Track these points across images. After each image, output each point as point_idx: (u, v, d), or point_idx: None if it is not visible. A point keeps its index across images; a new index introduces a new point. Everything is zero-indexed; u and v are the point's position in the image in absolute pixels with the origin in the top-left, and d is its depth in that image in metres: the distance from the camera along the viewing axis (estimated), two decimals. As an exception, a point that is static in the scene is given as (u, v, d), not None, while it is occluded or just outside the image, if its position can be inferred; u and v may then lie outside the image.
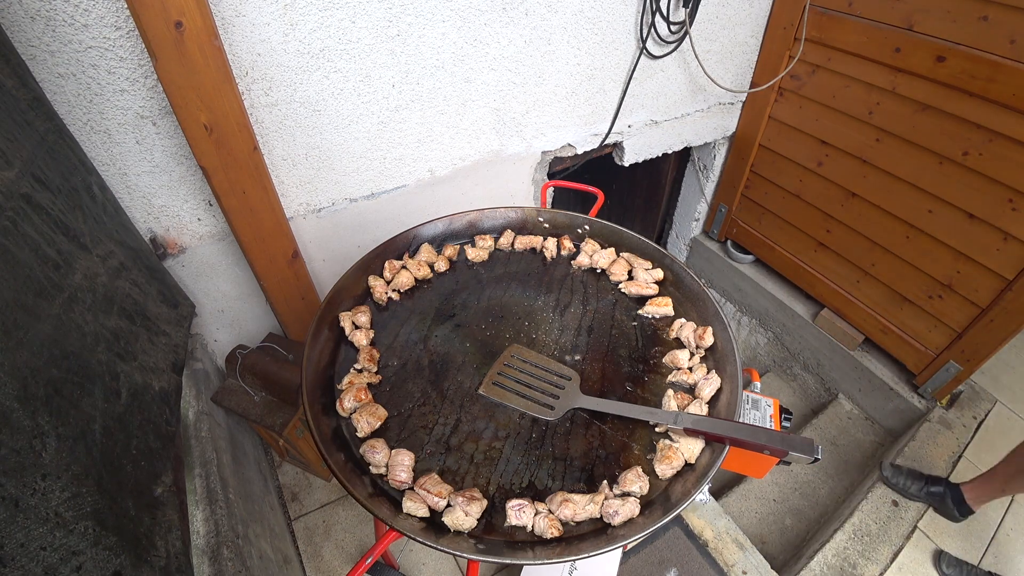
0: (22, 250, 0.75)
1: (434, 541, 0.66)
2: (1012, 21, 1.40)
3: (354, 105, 1.32)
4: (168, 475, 0.94)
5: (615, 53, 1.67)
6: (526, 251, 1.15)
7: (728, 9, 1.80)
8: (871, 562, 1.71)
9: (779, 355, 2.55)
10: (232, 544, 1.04)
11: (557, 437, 0.81)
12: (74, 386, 0.77)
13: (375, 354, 0.90)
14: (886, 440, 2.19)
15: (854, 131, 1.86)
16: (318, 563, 1.57)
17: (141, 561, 0.77)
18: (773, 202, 2.28)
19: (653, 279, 1.05)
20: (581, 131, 1.81)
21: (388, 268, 1.04)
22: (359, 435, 0.79)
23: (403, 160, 1.50)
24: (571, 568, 1.32)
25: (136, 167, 1.16)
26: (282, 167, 1.32)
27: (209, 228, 1.34)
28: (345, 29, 1.20)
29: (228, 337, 1.59)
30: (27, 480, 0.63)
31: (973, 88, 1.52)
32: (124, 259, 1.06)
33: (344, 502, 1.71)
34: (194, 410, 1.28)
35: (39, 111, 0.92)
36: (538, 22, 1.45)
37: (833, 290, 2.18)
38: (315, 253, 1.54)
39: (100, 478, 0.75)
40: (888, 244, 1.91)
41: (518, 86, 1.55)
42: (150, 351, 1.04)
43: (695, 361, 0.91)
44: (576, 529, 0.71)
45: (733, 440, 0.73)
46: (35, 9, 0.91)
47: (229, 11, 1.06)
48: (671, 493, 0.74)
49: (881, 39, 1.67)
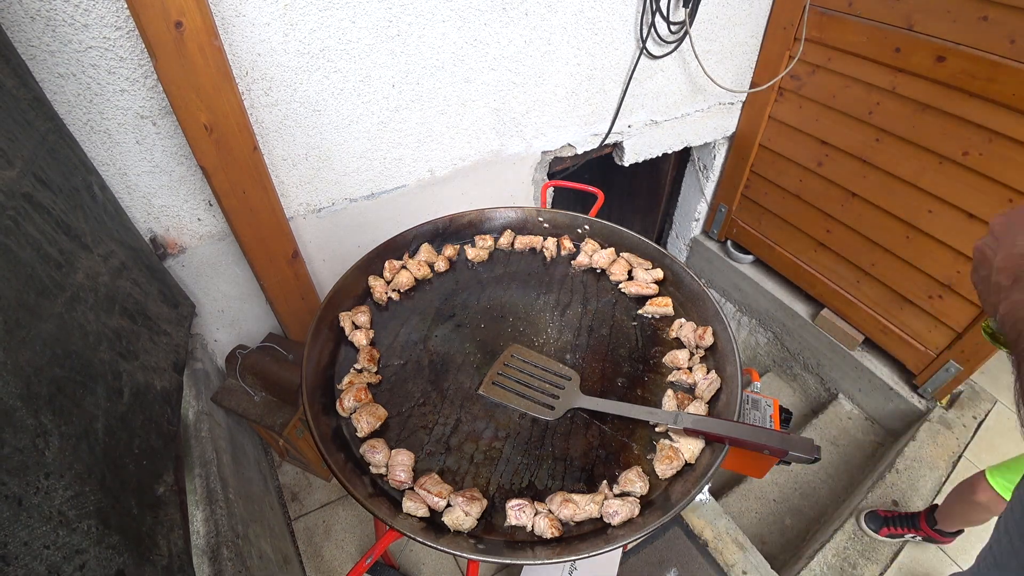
0: (24, 249, 0.76)
1: (434, 541, 0.66)
2: (1012, 21, 1.40)
3: (354, 105, 1.32)
4: (170, 474, 0.94)
5: (615, 53, 1.67)
6: (526, 251, 1.15)
7: (728, 9, 1.80)
8: (871, 562, 1.71)
9: (779, 355, 2.55)
10: (232, 544, 1.04)
11: (557, 437, 0.81)
12: (77, 385, 0.78)
13: (375, 354, 0.90)
14: (886, 440, 2.19)
15: (854, 131, 1.86)
16: (318, 563, 1.57)
17: (143, 560, 0.78)
18: (773, 202, 2.28)
19: (653, 279, 1.05)
20: (581, 131, 1.81)
21: (388, 268, 1.04)
22: (359, 435, 0.79)
23: (403, 160, 1.50)
24: (571, 568, 1.32)
25: (136, 167, 1.16)
26: (282, 167, 1.32)
27: (209, 228, 1.34)
28: (345, 29, 1.20)
29: (228, 337, 1.59)
30: (30, 479, 0.63)
31: (973, 88, 1.52)
32: (125, 259, 1.06)
33: (344, 502, 1.71)
34: (194, 410, 1.28)
35: (39, 111, 0.92)
36: (538, 22, 1.45)
37: (833, 290, 2.18)
38: (315, 253, 1.54)
39: (103, 477, 0.75)
40: (888, 244, 1.91)
41: (518, 86, 1.55)
42: (151, 350, 1.04)
43: (695, 361, 0.91)
44: (576, 529, 0.72)
45: (733, 440, 0.73)
46: (35, 9, 0.91)
47: (229, 11, 1.06)
48: (671, 493, 0.74)
49: (881, 39, 1.67)
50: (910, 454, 1.95)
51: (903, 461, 1.93)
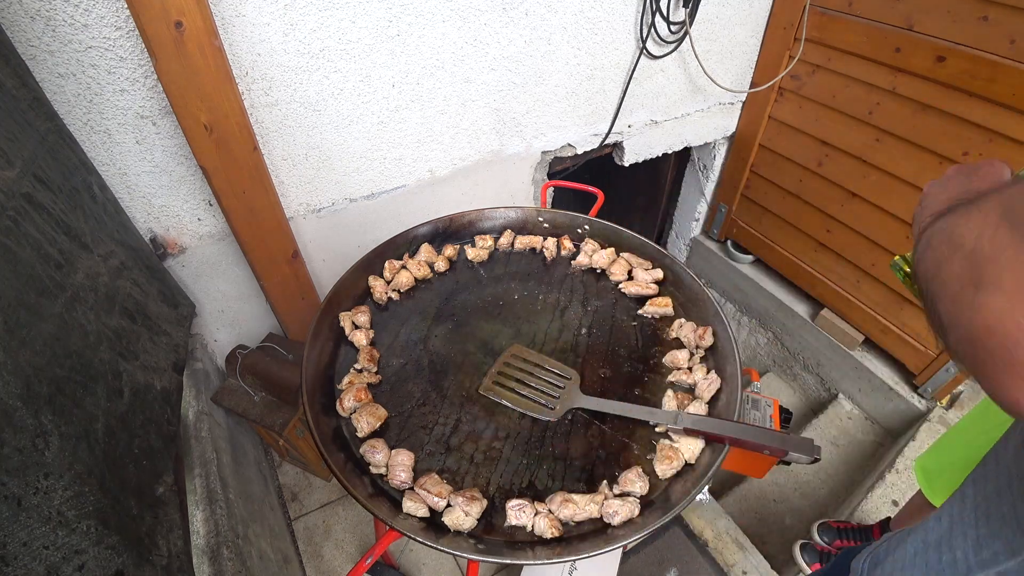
0: (24, 249, 0.76)
1: (434, 541, 0.66)
2: (1012, 21, 1.40)
3: (354, 105, 1.32)
4: (169, 475, 0.94)
5: (615, 53, 1.67)
6: (526, 251, 1.15)
7: (728, 9, 1.80)
8: (871, 562, 1.70)
9: (779, 355, 2.55)
10: (232, 544, 1.04)
11: (557, 437, 0.81)
12: (77, 385, 0.78)
13: (375, 354, 0.90)
14: (886, 440, 2.19)
15: (854, 131, 1.86)
16: (318, 563, 1.57)
17: (143, 560, 0.78)
18: (773, 202, 2.28)
19: (653, 279, 1.05)
20: (581, 131, 1.81)
21: (388, 268, 1.04)
22: (359, 435, 0.79)
23: (403, 160, 1.50)
24: (571, 568, 1.32)
25: (136, 167, 1.16)
26: (282, 167, 1.32)
27: (209, 228, 1.34)
28: (345, 29, 1.20)
29: (228, 337, 1.59)
30: (30, 479, 0.63)
31: (973, 88, 1.52)
32: (125, 259, 1.06)
33: (344, 502, 1.71)
34: (194, 410, 1.28)
35: (39, 111, 0.92)
36: (538, 22, 1.45)
37: (833, 290, 2.18)
38: (315, 253, 1.54)
39: (102, 477, 0.75)
40: (888, 244, 1.91)
41: (518, 86, 1.55)
42: (151, 350, 1.04)
43: (695, 361, 0.91)
44: (576, 529, 0.72)
45: (733, 440, 0.73)
46: (35, 9, 0.91)
47: (229, 11, 1.06)
48: (671, 493, 0.74)
49: (881, 39, 1.67)
50: (910, 454, 1.95)
51: (903, 461, 1.93)
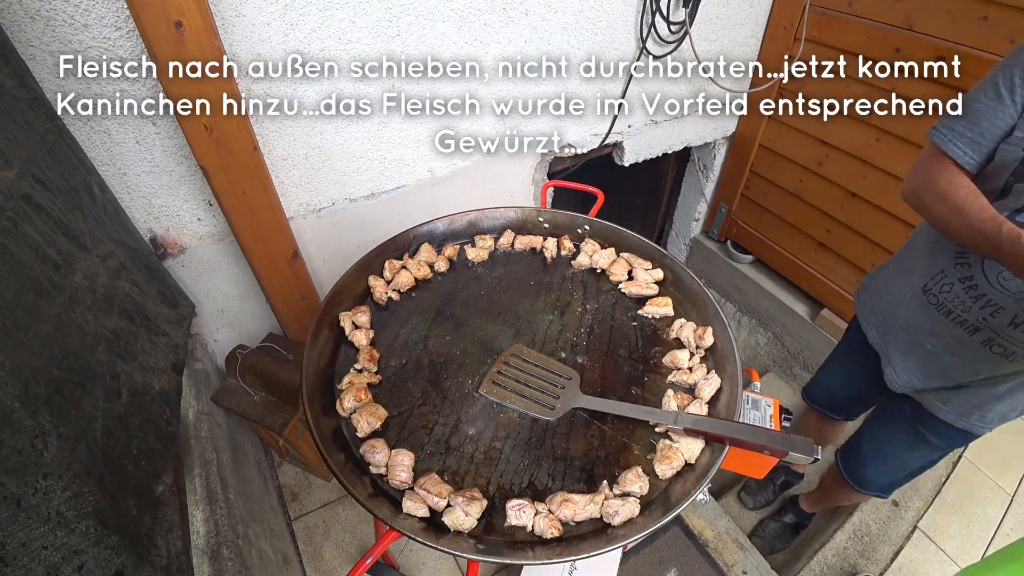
0: (22, 250, 0.75)
1: (434, 541, 0.66)
2: (1012, 21, 1.40)
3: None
4: (168, 475, 0.94)
5: (615, 53, 1.67)
6: (526, 251, 1.15)
7: (728, 9, 1.80)
8: (871, 562, 1.71)
9: (779, 355, 2.55)
10: (232, 544, 1.04)
11: (557, 437, 0.81)
12: (75, 386, 0.77)
13: (375, 354, 0.90)
14: (886, 440, 2.19)
15: (854, 131, 1.86)
16: (318, 563, 1.57)
17: (142, 560, 0.77)
18: (773, 202, 2.28)
19: (653, 279, 1.05)
20: (581, 131, 1.81)
21: (388, 268, 1.04)
22: (359, 435, 0.79)
23: (403, 160, 1.50)
24: (571, 568, 1.32)
25: (136, 167, 1.16)
26: (282, 167, 1.32)
27: (209, 228, 1.34)
28: (345, 29, 1.20)
29: (228, 337, 1.59)
30: (29, 479, 0.63)
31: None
32: (124, 259, 1.06)
33: (344, 502, 1.71)
34: (194, 410, 1.28)
35: (39, 111, 0.92)
36: (538, 22, 1.45)
37: (833, 290, 2.17)
38: (315, 253, 1.54)
39: (101, 478, 0.75)
40: (888, 244, 1.91)
41: (518, 86, 1.54)
42: (150, 351, 1.04)
43: (695, 361, 0.91)
44: (576, 529, 0.71)
45: (733, 440, 0.73)
46: (35, 9, 0.91)
47: (229, 11, 1.06)
48: (671, 493, 0.74)
49: (881, 39, 1.67)
50: (910, 454, 1.95)
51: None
